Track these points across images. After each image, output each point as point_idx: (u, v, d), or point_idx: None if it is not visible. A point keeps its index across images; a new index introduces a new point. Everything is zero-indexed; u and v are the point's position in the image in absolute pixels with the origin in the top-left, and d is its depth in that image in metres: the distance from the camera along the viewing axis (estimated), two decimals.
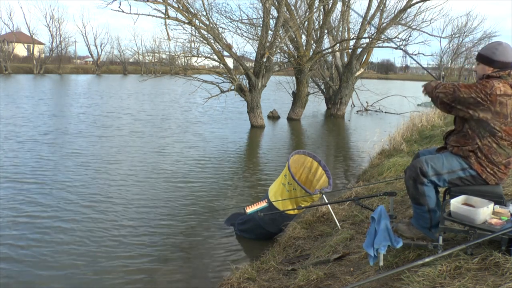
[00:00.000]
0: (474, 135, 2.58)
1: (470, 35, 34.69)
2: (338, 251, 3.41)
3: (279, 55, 16.27)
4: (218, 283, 3.70)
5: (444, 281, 2.22)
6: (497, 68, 2.56)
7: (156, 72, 14.13)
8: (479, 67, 2.66)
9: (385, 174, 6.31)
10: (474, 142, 2.57)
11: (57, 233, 4.83)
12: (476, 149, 2.57)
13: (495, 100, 2.44)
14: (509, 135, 2.51)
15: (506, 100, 2.45)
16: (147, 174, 7.52)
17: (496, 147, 2.54)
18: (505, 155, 2.56)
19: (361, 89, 20.90)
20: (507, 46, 2.58)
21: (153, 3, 11.38)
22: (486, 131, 2.53)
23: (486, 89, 2.46)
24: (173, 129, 12.88)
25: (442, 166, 2.64)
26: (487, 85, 2.47)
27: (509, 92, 2.47)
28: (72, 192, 6.31)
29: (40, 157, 8.40)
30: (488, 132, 2.52)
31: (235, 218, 5.17)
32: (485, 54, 2.60)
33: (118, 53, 59.56)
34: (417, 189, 2.67)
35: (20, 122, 12.63)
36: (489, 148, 2.55)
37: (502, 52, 2.55)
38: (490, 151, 2.55)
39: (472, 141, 2.58)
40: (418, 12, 17.22)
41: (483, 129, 2.53)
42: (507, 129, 2.50)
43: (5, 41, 46.76)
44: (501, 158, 2.56)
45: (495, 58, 2.55)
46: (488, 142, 2.54)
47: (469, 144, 2.59)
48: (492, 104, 2.45)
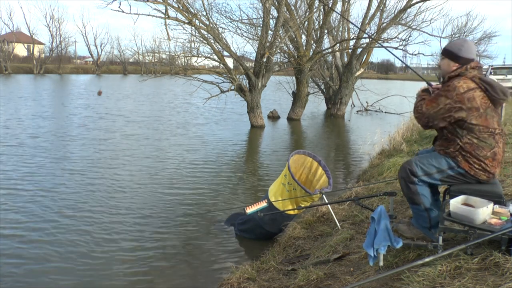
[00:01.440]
0: (453, 137, 2.66)
1: (470, 35, 34.61)
2: (338, 251, 3.41)
3: (279, 55, 16.27)
4: (218, 283, 3.70)
5: (444, 281, 2.23)
6: (460, 64, 2.66)
7: (156, 72, 14.10)
8: (444, 62, 2.76)
9: (385, 174, 6.31)
10: (456, 143, 2.64)
11: (56, 233, 4.83)
12: (459, 149, 2.63)
13: (463, 98, 2.54)
14: (485, 126, 2.57)
15: (472, 94, 2.54)
16: (146, 175, 7.52)
17: (477, 142, 2.58)
18: (488, 147, 2.59)
19: (361, 89, 20.90)
20: (472, 44, 2.74)
21: (153, 3, 11.38)
22: (463, 129, 2.60)
23: (450, 92, 2.57)
24: (173, 129, 12.87)
25: (431, 166, 2.70)
26: (449, 89, 2.58)
27: (472, 86, 2.56)
28: (72, 192, 6.32)
29: (41, 157, 8.41)
30: (465, 130, 2.59)
31: (235, 218, 5.17)
32: (451, 49, 2.71)
33: (118, 53, 59.72)
34: (409, 189, 2.74)
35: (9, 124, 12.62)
36: (471, 145, 2.59)
37: (467, 49, 2.67)
38: (473, 147, 2.59)
39: (454, 143, 2.65)
40: (418, 12, 17.22)
41: (460, 128, 2.61)
42: (481, 121, 2.56)
43: (5, 41, 46.79)
44: (485, 152, 2.59)
45: (460, 54, 2.66)
46: (468, 140, 2.60)
47: (452, 145, 2.66)
48: (462, 103, 2.54)
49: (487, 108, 2.56)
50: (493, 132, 2.59)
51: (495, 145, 2.60)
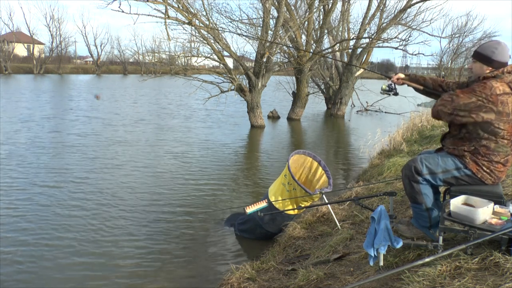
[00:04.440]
0: (471, 137, 2.59)
1: (470, 35, 34.60)
2: (338, 251, 3.41)
3: (279, 55, 16.26)
4: (218, 283, 3.71)
5: (444, 281, 2.22)
6: (494, 68, 2.57)
7: (156, 72, 14.14)
8: (476, 65, 2.65)
9: (385, 174, 6.30)
10: (471, 144, 2.59)
11: (56, 234, 4.83)
12: (473, 150, 2.59)
13: (497, 100, 2.45)
14: (510, 133, 2.53)
15: (506, 99, 2.47)
16: (146, 175, 7.52)
17: (494, 147, 2.55)
18: (503, 154, 2.57)
19: (361, 89, 20.89)
20: (505, 46, 2.59)
21: (153, 3, 11.36)
22: (486, 132, 2.53)
23: (485, 90, 2.46)
24: (173, 129, 12.87)
25: (437, 165, 2.66)
26: (486, 87, 2.47)
27: (507, 90, 2.48)
28: (72, 192, 6.31)
29: (44, 153, 8.40)
30: (489, 133, 2.53)
31: (235, 218, 5.17)
32: (484, 53, 2.59)
33: (118, 53, 59.63)
34: (413, 187, 2.71)
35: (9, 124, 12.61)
36: (487, 148, 2.56)
37: (501, 52, 2.55)
38: (488, 152, 2.56)
39: (469, 143, 2.60)
40: (418, 12, 17.18)
41: (482, 131, 2.54)
42: (508, 127, 2.51)
43: (5, 41, 46.79)
44: (499, 157, 2.56)
45: (494, 58, 2.55)
46: (486, 143, 2.55)
47: (466, 145, 2.61)
48: (495, 104, 2.45)
49: None
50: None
51: (510, 152, 2.58)
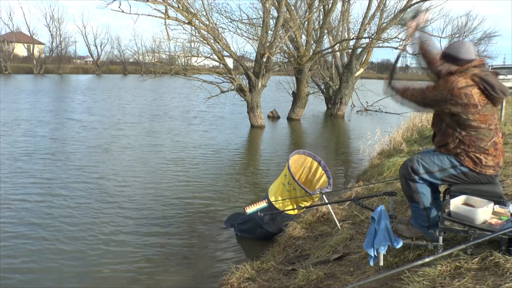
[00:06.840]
0: (452, 130, 2.65)
1: (470, 35, 34.57)
2: (338, 251, 3.41)
3: (279, 55, 16.26)
4: (218, 283, 3.71)
5: (444, 281, 2.22)
6: (461, 66, 2.65)
7: (156, 72, 14.14)
8: (445, 66, 2.75)
9: (385, 174, 6.30)
10: (454, 137, 2.64)
11: (56, 234, 4.83)
12: (459, 143, 2.62)
13: (459, 94, 2.53)
14: (484, 122, 2.57)
15: (470, 91, 2.53)
16: (145, 175, 7.52)
17: (475, 134, 2.59)
18: (488, 138, 2.59)
19: (361, 89, 20.89)
20: (470, 44, 2.73)
21: (153, 3, 11.37)
22: (460, 124, 2.60)
23: (447, 84, 2.57)
24: (173, 129, 12.87)
25: (433, 164, 2.69)
26: (448, 81, 2.58)
27: (470, 83, 2.55)
28: (72, 192, 6.31)
29: (43, 148, 8.41)
30: (462, 125, 2.59)
31: (235, 218, 5.16)
32: (450, 53, 2.69)
33: (118, 53, 59.55)
34: (410, 186, 2.74)
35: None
36: (470, 137, 2.60)
37: (466, 50, 2.66)
38: (472, 139, 2.60)
39: (453, 137, 2.65)
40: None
41: (457, 123, 2.61)
42: (480, 117, 2.56)
43: (5, 41, 46.77)
44: (485, 142, 2.59)
45: (460, 57, 2.65)
46: (467, 133, 2.60)
47: (451, 141, 2.66)
48: (459, 97, 2.54)
49: (485, 105, 2.56)
50: (491, 128, 2.59)
51: (494, 135, 2.60)
